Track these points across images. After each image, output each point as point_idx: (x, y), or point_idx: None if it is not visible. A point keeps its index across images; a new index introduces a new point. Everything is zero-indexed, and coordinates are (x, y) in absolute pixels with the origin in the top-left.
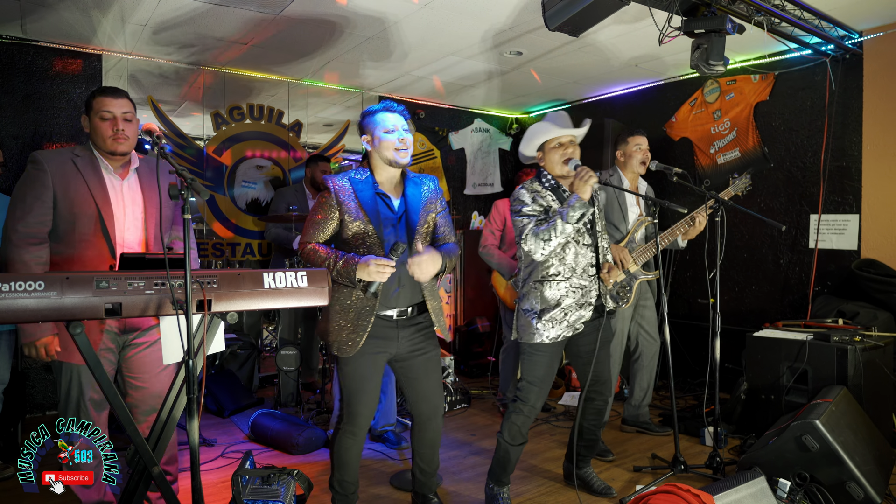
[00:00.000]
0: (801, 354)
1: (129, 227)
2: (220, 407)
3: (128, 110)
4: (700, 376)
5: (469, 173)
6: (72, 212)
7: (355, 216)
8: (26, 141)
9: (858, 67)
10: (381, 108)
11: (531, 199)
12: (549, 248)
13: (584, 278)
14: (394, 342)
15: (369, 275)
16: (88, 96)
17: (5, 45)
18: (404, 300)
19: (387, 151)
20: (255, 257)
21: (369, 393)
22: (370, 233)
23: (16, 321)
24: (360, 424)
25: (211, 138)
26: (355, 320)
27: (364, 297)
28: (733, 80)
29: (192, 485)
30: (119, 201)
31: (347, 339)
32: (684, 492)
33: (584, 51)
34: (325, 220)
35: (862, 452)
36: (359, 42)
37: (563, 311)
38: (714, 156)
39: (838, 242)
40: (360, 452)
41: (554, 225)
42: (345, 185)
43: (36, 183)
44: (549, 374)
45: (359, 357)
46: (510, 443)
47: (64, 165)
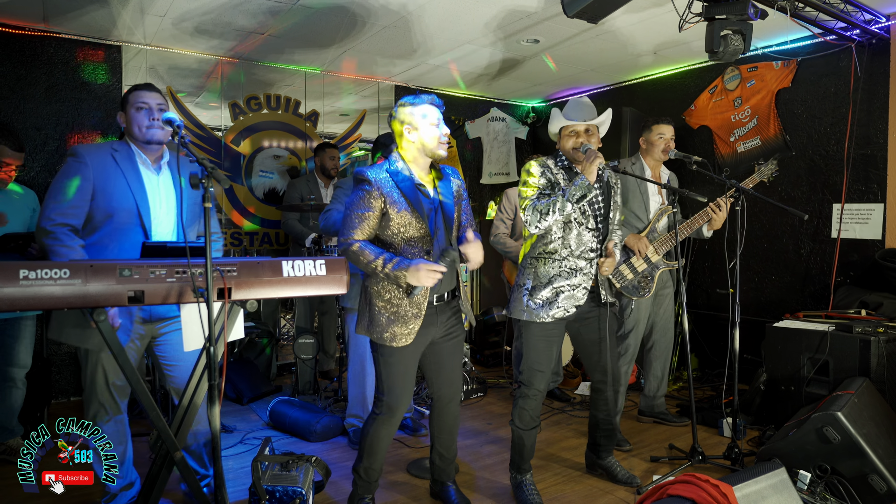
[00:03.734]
0: (823, 345)
1: (163, 220)
2: (240, 394)
3: (162, 102)
4: (719, 367)
5: (486, 162)
6: (110, 205)
7: (400, 208)
8: (49, 132)
9: (885, 53)
10: (426, 101)
11: (539, 172)
12: (546, 222)
13: (580, 261)
14: (433, 328)
15: (418, 280)
16: (124, 94)
17: (28, 37)
18: (445, 286)
19: (432, 143)
20: (273, 246)
21: (410, 383)
22: (415, 223)
23: (41, 308)
24: (398, 415)
25: (229, 128)
26: (406, 313)
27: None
28: (754, 67)
29: (214, 470)
30: (155, 194)
31: (401, 330)
32: (703, 482)
33: (602, 38)
34: (369, 214)
35: (885, 445)
36: (376, 31)
37: (553, 291)
38: (734, 144)
39: (861, 232)
40: (390, 442)
41: (555, 200)
42: (384, 178)
43: (76, 175)
44: (547, 357)
45: (408, 347)
46: (522, 428)
47: (104, 160)
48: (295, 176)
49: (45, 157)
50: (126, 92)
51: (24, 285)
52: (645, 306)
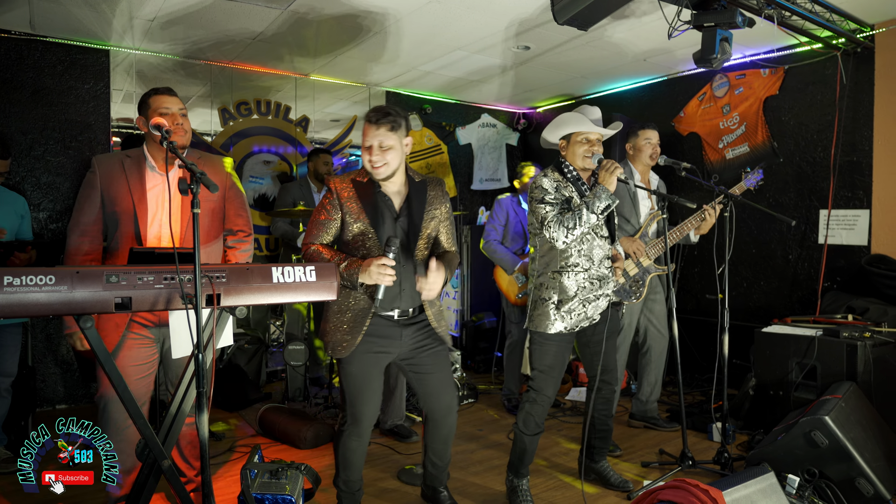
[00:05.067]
0: (810, 350)
1: (163, 224)
2: (228, 401)
3: (182, 107)
4: (708, 372)
5: (476, 168)
6: (114, 210)
7: (356, 217)
8: (35, 136)
9: (870, 61)
10: (365, 119)
11: (554, 188)
12: (573, 236)
13: (601, 269)
14: (396, 341)
15: (370, 276)
16: (143, 97)
17: (14, 40)
18: (406, 302)
19: (366, 165)
20: (263, 252)
21: (371, 394)
22: (370, 234)
23: (26, 315)
24: (364, 426)
25: (218, 133)
26: (352, 322)
27: (364, 298)
28: (742, 75)
29: (202, 478)
30: (155, 197)
31: (342, 339)
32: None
33: (592, 45)
34: (328, 221)
35: (872, 449)
36: (367, 37)
37: (581, 302)
38: (723, 151)
39: (848, 238)
40: (364, 452)
41: (580, 214)
42: (347, 186)
43: (87, 185)
44: (561, 363)
45: (358, 357)
46: (526, 433)
47: (112, 167)
48: (285, 181)
49: (31, 161)
50: (144, 96)
51: (7, 292)
52: (635, 311)
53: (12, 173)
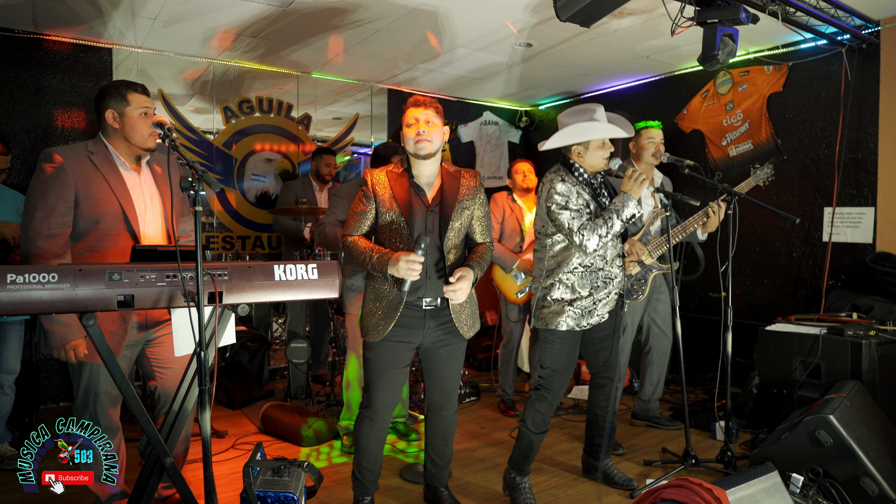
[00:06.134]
0: (815, 349)
1: (149, 222)
2: (231, 399)
3: (153, 105)
4: (711, 370)
5: (478, 166)
6: (95, 211)
7: (388, 207)
8: (38, 134)
9: (875, 58)
10: (406, 105)
11: (576, 193)
12: (603, 242)
13: (613, 268)
14: (419, 331)
15: (398, 271)
16: (108, 88)
17: (17, 39)
18: (431, 292)
19: (408, 144)
20: (265, 250)
21: (389, 380)
22: (401, 224)
23: (29, 313)
24: (377, 410)
25: (220, 132)
26: (386, 309)
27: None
28: (746, 72)
29: (205, 476)
30: (139, 196)
31: (377, 323)
32: (696, 486)
33: (594, 42)
34: (363, 212)
35: (877, 448)
36: (368, 35)
37: (593, 301)
38: (726, 148)
39: (853, 236)
40: (379, 441)
41: (612, 221)
42: (381, 178)
43: (56, 182)
44: (571, 361)
45: (383, 343)
46: (533, 431)
47: (82, 164)
48: (287, 179)
49: (34, 160)
50: (113, 87)
51: (11, 289)
52: (638, 310)
53: (15, 171)
